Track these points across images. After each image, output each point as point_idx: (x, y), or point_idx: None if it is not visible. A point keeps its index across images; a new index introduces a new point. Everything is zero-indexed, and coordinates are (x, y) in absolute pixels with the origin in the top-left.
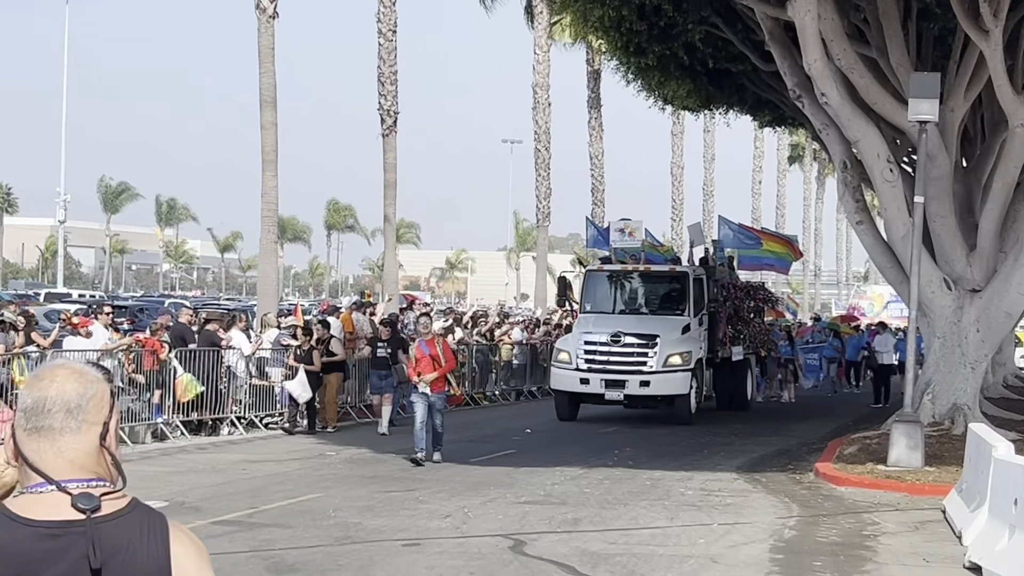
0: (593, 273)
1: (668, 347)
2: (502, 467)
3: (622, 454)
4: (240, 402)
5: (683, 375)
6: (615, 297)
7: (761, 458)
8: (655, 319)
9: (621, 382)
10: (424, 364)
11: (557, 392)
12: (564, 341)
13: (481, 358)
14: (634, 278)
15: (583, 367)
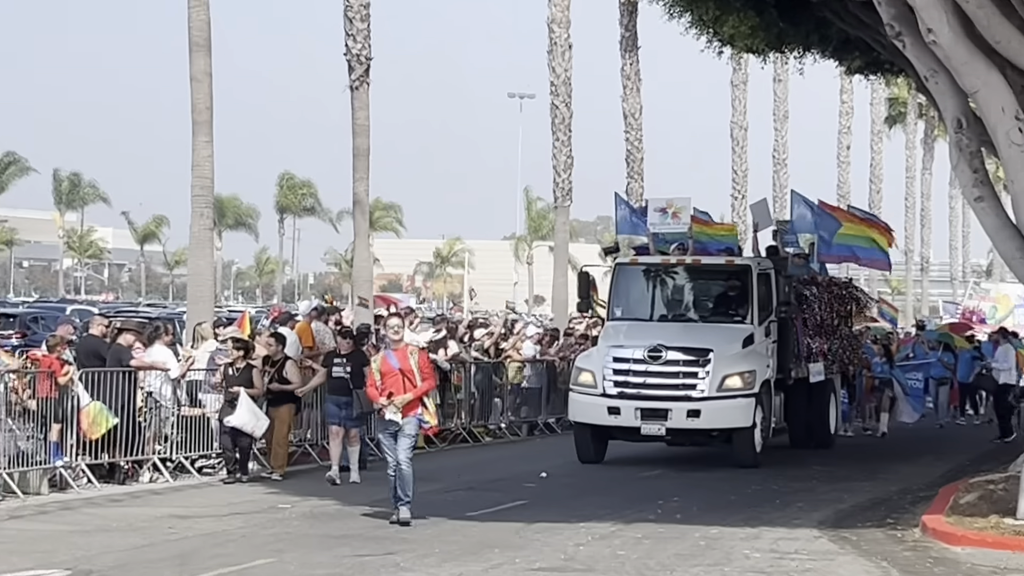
0: (625, 267)
1: (725, 365)
2: (510, 523)
3: (667, 505)
4: (166, 440)
5: (745, 402)
6: (654, 299)
7: (851, 510)
8: (707, 328)
9: (662, 412)
10: (392, 381)
11: (578, 425)
12: (587, 358)
13: (482, 381)
14: (679, 273)
15: (612, 392)
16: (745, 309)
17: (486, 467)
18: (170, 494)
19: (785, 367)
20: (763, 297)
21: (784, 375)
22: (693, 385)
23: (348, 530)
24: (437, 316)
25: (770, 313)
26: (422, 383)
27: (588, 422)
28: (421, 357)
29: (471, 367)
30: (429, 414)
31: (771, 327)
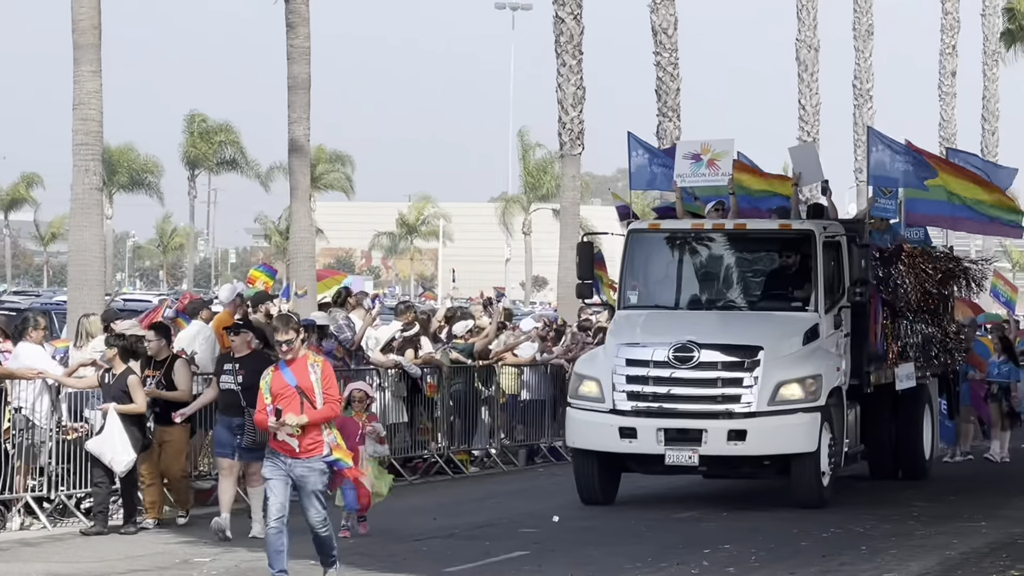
0: (641, 236)
1: (779, 368)
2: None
3: (715, 555)
4: (42, 472)
5: (807, 419)
6: (681, 279)
7: (962, 559)
8: (755, 318)
9: (695, 434)
10: (287, 404)
11: (579, 453)
12: (590, 361)
13: (465, 392)
14: (716, 243)
15: (624, 407)
16: (807, 291)
17: (471, 507)
18: (47, 545)
19: (862, 370)
20: (831, 275)
21: (861, 381)
22: (736, 397)
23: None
24: (401, 304)
25: (841, 296)
26: (322, 406)
27: (593, 448)
28: (325, 371)
29: (448, 375)
30: (340, 451)
31: (843, 316)
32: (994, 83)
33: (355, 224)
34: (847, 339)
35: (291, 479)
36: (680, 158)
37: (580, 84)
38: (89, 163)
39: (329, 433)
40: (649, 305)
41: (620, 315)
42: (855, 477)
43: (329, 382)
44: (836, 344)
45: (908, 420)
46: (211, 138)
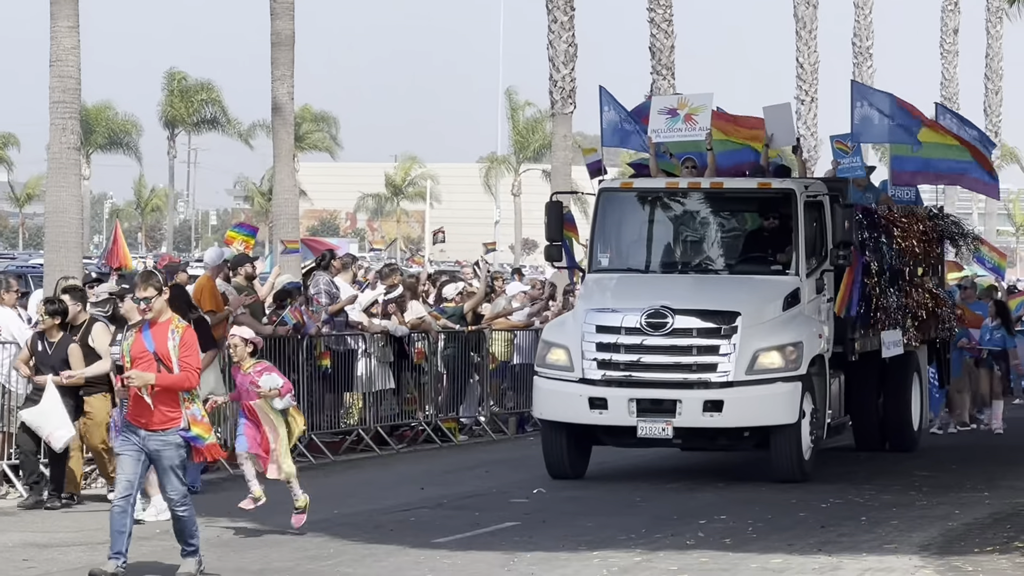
0: (612, 195)
1: (758, 335)
2: (494, 552)
3: (711, 526)
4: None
5: (786, 388)
6: (654, 241)
7: (965, 530)
8: (733, 282)
9: (668, 404)
10: (144, 368)
11: (547, 425)
12: (559, 327)
13: (454, 358)
14: (692, 203)
15: (594, 376)
16: (787, 254)
17: (459, 477)
18: (24, 515)
19: (846, 336)
20: (813, 237)
21: (845, 348)
22: (712, 365)
23: (269, 562)
24: (386, 266)
25: (823, 259)
26: (178, 372)
27: (561, 420)
28: (184, 337)
29: (439, 339)
30: (201, 426)
31: (825, 279)
32: (997, 41)
33: (340, 185)
34: (830, 304)
35: (146, 454)
36: (655, 113)
37: (572, 41)
38: (67, 122)
39: (190, 406)
40: (621, 268)
41: (590, 279)
42: (839, 449)
43: (188, 350)
44: (818, 310)
45: (896, 389)
46: (191, 97)
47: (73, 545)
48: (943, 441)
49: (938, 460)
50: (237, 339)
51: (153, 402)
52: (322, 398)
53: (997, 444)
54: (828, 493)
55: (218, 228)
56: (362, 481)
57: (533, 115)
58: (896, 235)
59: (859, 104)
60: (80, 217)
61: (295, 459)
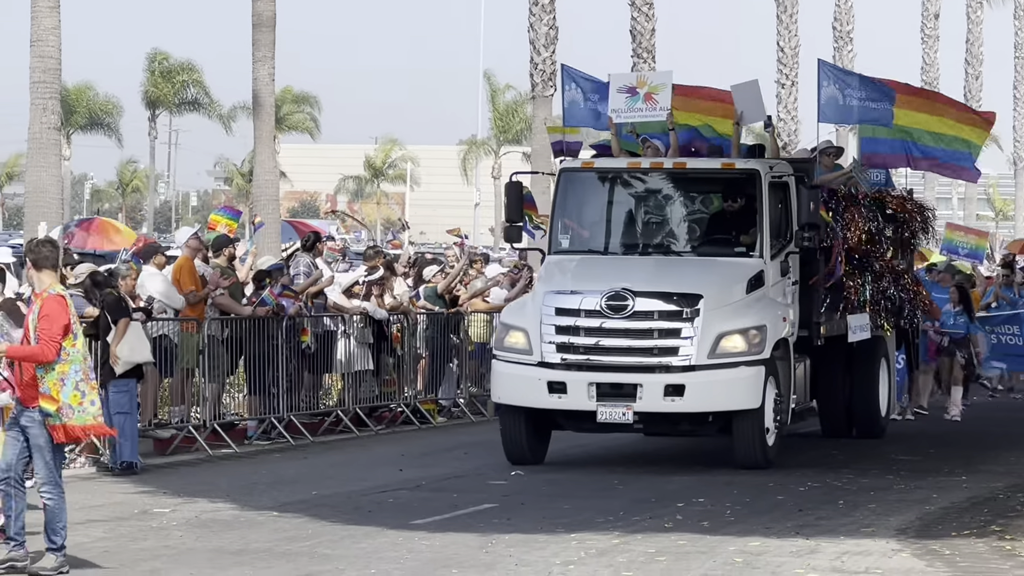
0: (573, 175)
1: (721, 319)
2: (472, 534)
3: (689, 509)
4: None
5: (749, 373)
6: (617, 222)
7: (942, 513)
8: (695, 264)
9: (629, 388)
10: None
11: (505, 410)
12: (517, 309)
13: (434, 339)
14: (654, 183)
15: (553, 360)
16: (752, 235)
17: (438, 459)
18: None
19: (812, 320)
20: (778, 218)
21: (811, 332)
22: (674, 349)
23: (248, 543)
24: (369, 248)
25: (788, 241)
26: (28, 345)
27: (520, 404)
28: (44, 307)
29: (417, 319)
30: (48, 399)
31: (790, 262)
32: (978, 26)
33: (320, 167)
34: (795, 287)
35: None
36: (614, 92)
37: (553, 24)
38: (47, 101)
39: (42, 381)
40: (582, 250)
41: (550, 260)
42: (804, 435)
43: (46, 321)
44: (783, 292)
45: (863, 375)
46: (173, 77)
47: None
48: (921, 426)
49: (917, 444)
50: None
51: (20, 376)
52: (301, 379)
53: (975, 429)
54: (806, 476)
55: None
56: (341, 462)
57: (513, 98)
58: (866, 218)
59: (826, 84)
60: (60, 197)
61: (274, 439)
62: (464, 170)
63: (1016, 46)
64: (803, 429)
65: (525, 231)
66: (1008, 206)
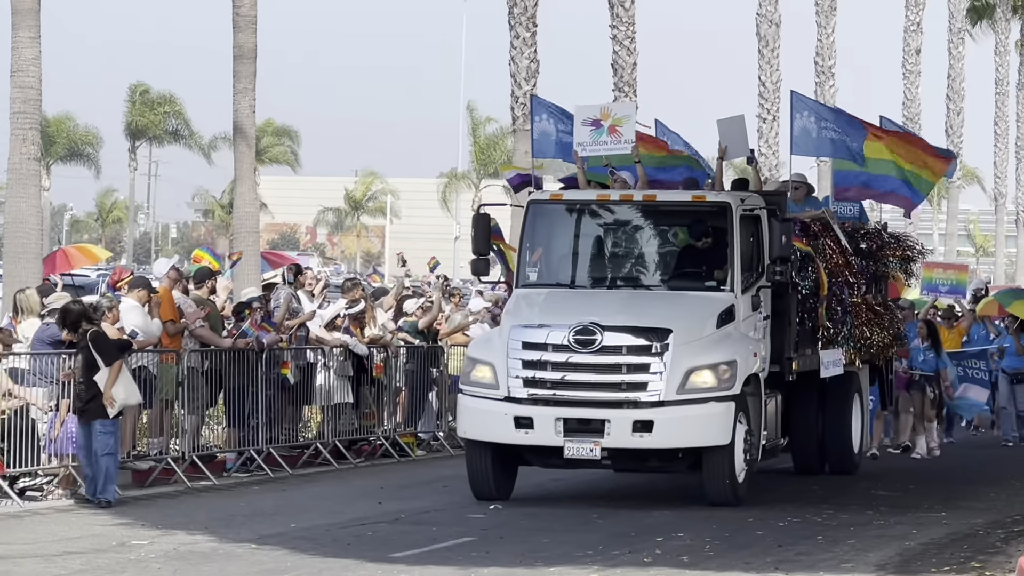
0: (541, 207)
1: (691, 353)
2: (453, 568)
3: (668, 543)
4: None
5: (719, 409)
6: (586, 255)
7: (922, 549)
8: (665, 298)
9: (597, 424)
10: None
11: (471, 445)
12: (484, 343)
13: (414, 373)
14: (623, 216)
15: (520, 395)
16: (723, 269)
17: (417, 492)
18: None
19: (784, 355)
20: (749, 252)
21: (782, 368)
22: (643, 384)
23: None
24: (347, 280)
25: (760, 275)
26: None
27: (486, 439)
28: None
29: (399, 354)
30: None
31: (762, 296)
32: (959, 62)
33: (300, 199)
34: (767, 322)
35: None
36: (579, 125)
37: (534, 57)
38: (27, 132)
39: None
40: (550, 283)
41: (518, 294)
42: (777, 471)
43: None
44: (754, 327)
45: (835, 410)
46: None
47: (29, 557)
48: (900, 462)
49: (896, 480)
50: None
51: None
52: (281, 411)
53: (954, 465)
54: (785, 511)
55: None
56: (320, 495)
57: (495, 131)
58: (839, 251)
59: (799, 115)
60: (40, 228)
61: (253, 472)
62: (445, 203)
63: (997, 82)
64: (775, 465)
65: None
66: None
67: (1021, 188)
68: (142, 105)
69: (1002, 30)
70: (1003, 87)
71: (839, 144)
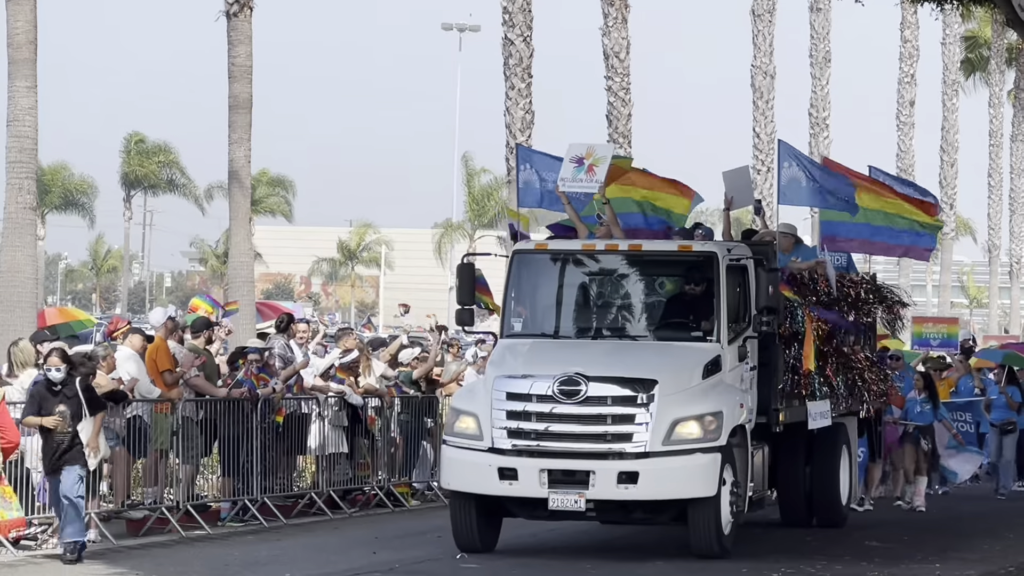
0: (525, 256)
1: (676, 404)
2: None
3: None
4: None
5: (705, 460)
6: (571, 304)
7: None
8: (650, 349)
9: (581, 475)
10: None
11: (456, 496)
12: (468, 394)
13: (408, 422)
14: (610, 265)
15: (504, 445)
16: (709, 320)
17: (412, 542)
18: None
19: (771, 406)
20: (736, 302)
21: (769, 419)
22: (628, 435)
23: None
24: (340, 330)
25: (747, 325)
26: None
27: (469, 491)
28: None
29: (393, 403)
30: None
31: (748, 346)
32: (953, 113)
33: (294, 249)
34: (753, 373)
35: None
36: (567, 161)
37: (529, 108)
38: (23, 181)
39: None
40: (535, 333)
41: (502, 344)
42: (765, 524)
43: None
44: (740, 378)
45: (823, 462)
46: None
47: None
48: (895, 514)
49: (890, 532)
50: None
51: None
52: (276, 461)
53: (947, 516)
54: (779, 563)
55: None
56: (314, 545)
57: (489, 182)
58: (827, 302)
59: (786, 164)
60: (35, 277)
61: (248, 521)
62: (439, 253)
63: (991, 134)
64: (763, 518)
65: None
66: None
67: (1015, 240)
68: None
69: (996, 82)
70: (996, 139)
71: (826, 194)
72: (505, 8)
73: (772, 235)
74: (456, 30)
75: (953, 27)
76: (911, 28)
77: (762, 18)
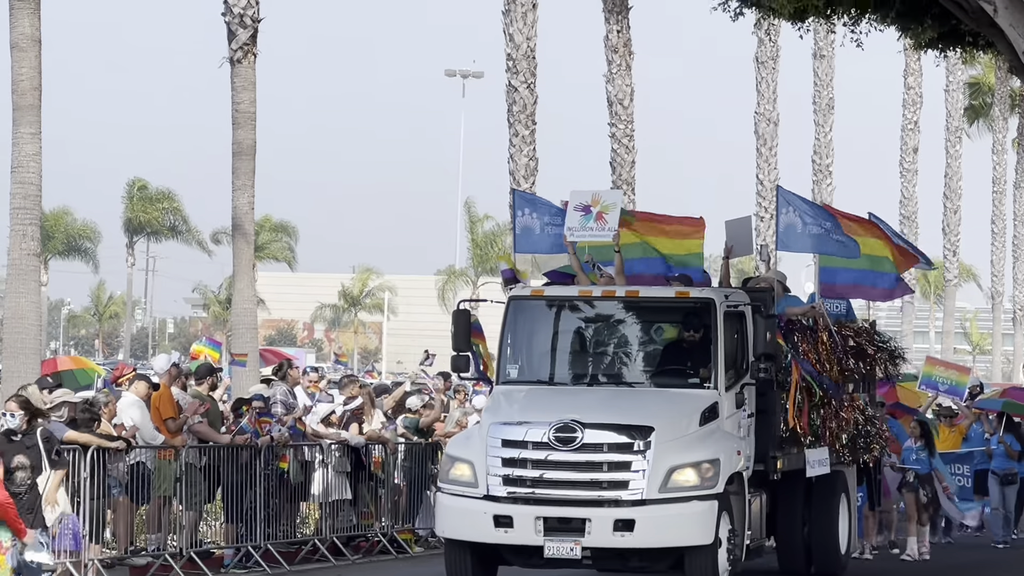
0: (522, 303)
1: (673, 451)
2: None
3: None
4: None
5: (702, 508)
6: (567, 351)
7: None
8: (647, 395)
9: (577, 522)
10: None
11: (451, 544)
12: (463, 441)
13: (412, 469)
14: (607, 312)
15: (499, 493)
16: (706, 367)
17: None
18: None
19: (768, 454)
20: (733, 348)
21: (767, 466)
22: (624, 482)
23: None
24: (344, 377)
25: (744, 372)
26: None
27: (465, 538)
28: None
29: (397, 450)
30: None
31: (746, 393)
32: (956, 160)
33: (297, 295)
34: (751, 420)
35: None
36: (572, 209)
37: (532, 155)
38: (27, 227)
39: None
40: (531, 380)
41: (498, 391)
42: (760, 571)
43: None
44: (738, 425)
45: (822, 510)
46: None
47: None
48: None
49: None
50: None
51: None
52: (279, 507)
53: (950, 564)
54: None
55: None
56: None
57: (492, 228)
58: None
59: (784, 211)
60: (39, 323)
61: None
62: (442, 300)
63: (994, 181)
64: (761, 566)
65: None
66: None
67: (1018, 286)
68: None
69: (999, 128)
70: (1000, 185)
71: (824, 240)
72: (509, 55)
73: (768, 282)
74: (460, 76)
75: (956, 74)
76: (914, 75)
77: (765, 65)
